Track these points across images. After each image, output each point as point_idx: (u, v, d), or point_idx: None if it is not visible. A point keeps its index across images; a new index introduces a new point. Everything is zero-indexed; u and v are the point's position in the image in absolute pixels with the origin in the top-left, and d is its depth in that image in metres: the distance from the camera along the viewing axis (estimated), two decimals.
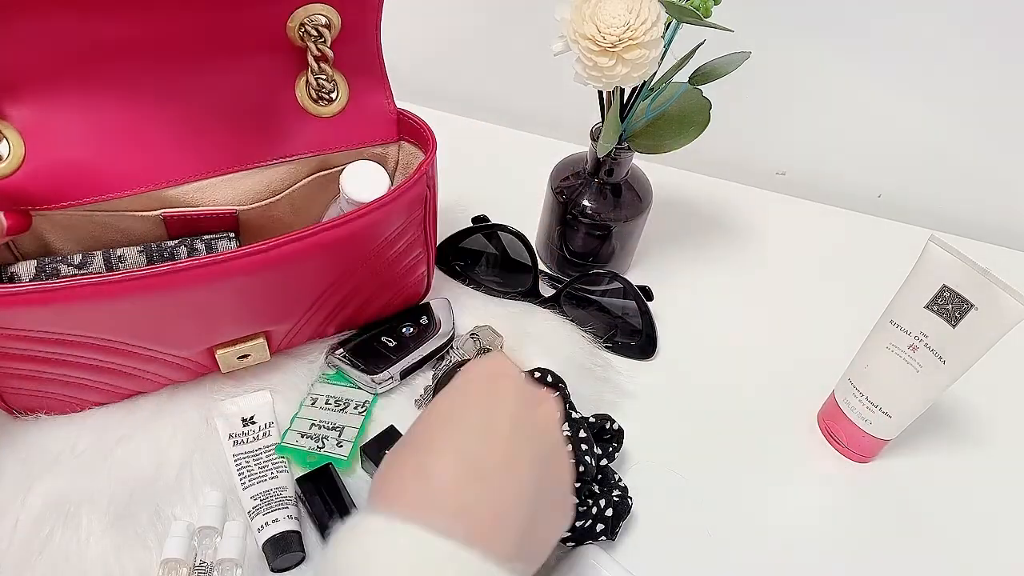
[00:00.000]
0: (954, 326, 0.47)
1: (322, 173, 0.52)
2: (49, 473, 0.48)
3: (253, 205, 0.49)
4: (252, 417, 0.52)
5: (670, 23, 0.52)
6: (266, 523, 0.46)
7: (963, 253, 0.47)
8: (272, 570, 0.46)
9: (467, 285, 0.64)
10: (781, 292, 0.69)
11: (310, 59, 0.48)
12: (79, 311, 0.42)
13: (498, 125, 0.81)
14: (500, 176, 0.73)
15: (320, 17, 0.47)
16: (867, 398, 0.53)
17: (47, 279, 0.44)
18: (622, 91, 0.55)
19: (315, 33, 0.47)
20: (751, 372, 0.61)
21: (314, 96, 0.49)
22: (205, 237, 0.48)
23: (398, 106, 0.53)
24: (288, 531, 0.46)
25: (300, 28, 0.47)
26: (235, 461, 0.50)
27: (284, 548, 0.45)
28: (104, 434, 0.50)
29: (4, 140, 0.41)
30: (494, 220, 0.65)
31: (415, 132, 0.51)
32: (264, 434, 0.51)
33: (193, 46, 0.45)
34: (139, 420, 0.51)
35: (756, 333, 0.65)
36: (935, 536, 0.53)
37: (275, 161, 0.48)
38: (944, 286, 0.47)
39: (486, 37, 0.81)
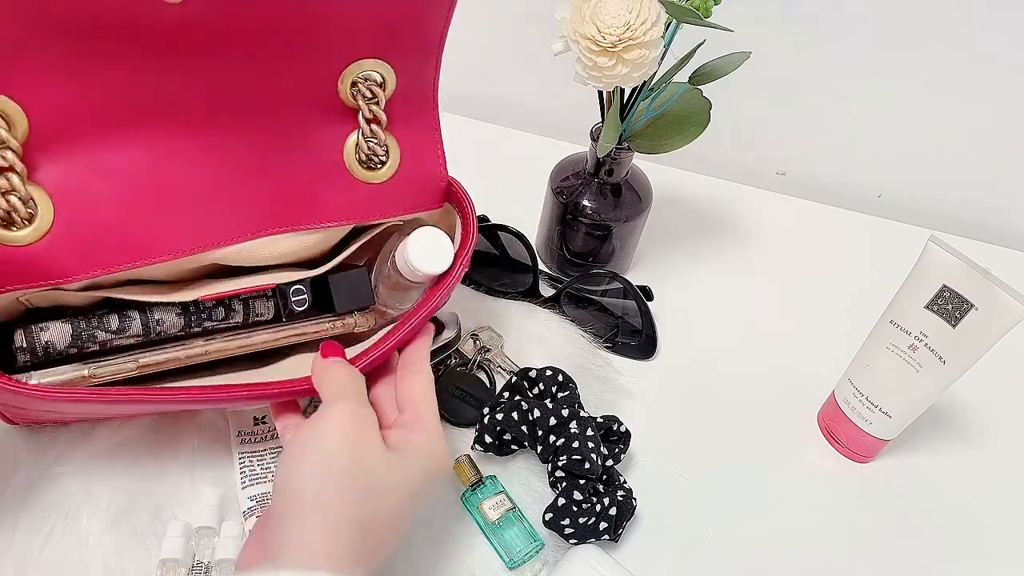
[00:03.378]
0: (954, 326, 0.47)
1: (367, 238, 0.49)
2: (49, 474, 0.48)
3: (295, 277, 0.47)
4: (264, 417, 0.52)
5: (670, 23, 0.52)
6: None
7: (963, 253, 0.47)
8: None
9: (467, 285, 0.64)
10: (781, 292, 0.69)
11: (361, 121, 0.44)
12: (119, 406, 0.42)
13: (498, 125, 0.81)
14: (500, 176, 0.73)
15: (375, 75, 0.43)
16: (867, 398, 0.53)
17: (84, 344, 0.42)
18: (622, 91, 0.55)
19: (368, 94, 0.43)
20: (751, 372, 0.61)
21: (363, 159, 0.45)
22: (243, 297, 0.46)
23: None
24: None
25: (353, 87, 0.43)
26: (239, 459, 0.50)
27: None
28: (105, 435, 0.50)
29: (32, 202, 0.38)
30: (494, 220, 0.65)
31: (458, 201, 0.48)
32: (272, 435, 0.51)
33: (237, 105, 0.41)
34: (140, 421, 0.51)
35: (756, 333, 0.65)
36: (935, 536, 0.53)
37: (317, 227, 0.45)
38: (944, 286, 0.47)
39: (486, 37, 0.81)
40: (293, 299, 0.47)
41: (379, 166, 0.46)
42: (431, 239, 0.45)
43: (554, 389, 0.53)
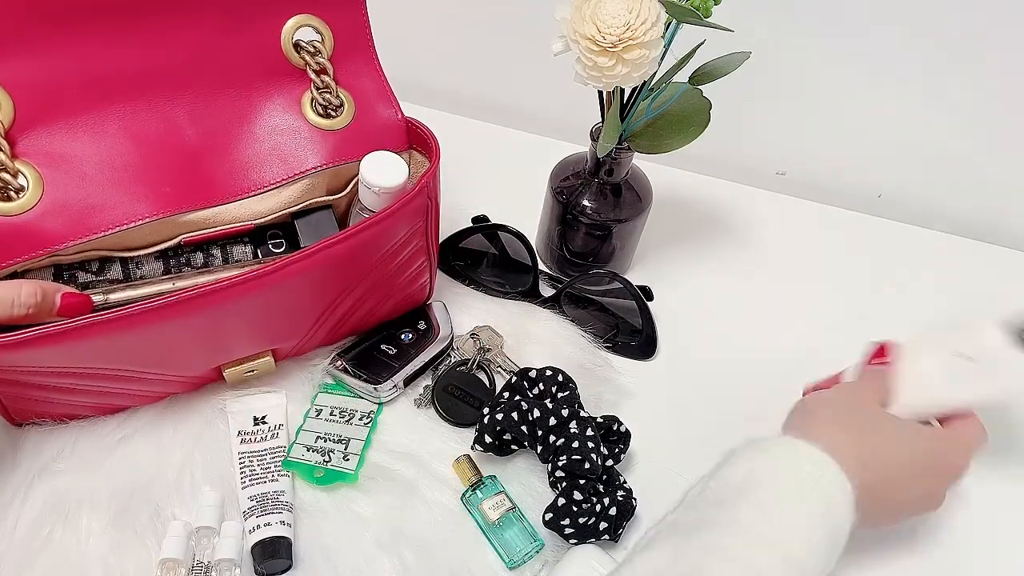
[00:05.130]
0: None
1: (344, 194, 0.52)
2: (49, 473, 0.48)
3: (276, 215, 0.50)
4: (264, 417, 0.52)
5: (670, 23, 0.52)
6: (259, 525, 0.46)
7: None
8: (257, 573, 0.46)
9: (467, 285, 0.64)
10: (781, 292, 0.69)
11: (311, 75, 0.48)
12: (91, 345, 0.42)
13: (498, 125, 0.81)
14: (500, 176, 0.73)
15: (313, 33, 0.48)
16: None
17: (66, 283, 0.45)
18: (622, 91, 0.55)
19: (312, 49, 0.48)
20: (751, 372, 0.61)
21: (321, 112, 0.49)
22: (220, 242, 0.49)
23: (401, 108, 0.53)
24: (279, 537, 0.46)
25: (296, 48, 0.48)
26: (239, 459, 0.50)
27: (272, 553, 0.45)
28: (104, 434, 0.50)
29: (22, 176, 0.42)
30: (494, 220, 0.65)
31: (422, 141, 0.51)
32: (272, 435, 0.51)
33: (199, 76, 0.46)
34: (140, 420, 0.51)
35: (756, 333, 0.65)
36: (937, 537, 0.53)
37: (290, 180, 0.49)
38: None
39: (486, 37, 0.81)
40: (270, 242, 0.50)
41: (336, 113, 0.50)
42: (382, 157, 0.49)
43: (554, 389, 0.53)
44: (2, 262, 0.41)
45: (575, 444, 0.48)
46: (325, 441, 0.51)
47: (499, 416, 0.50)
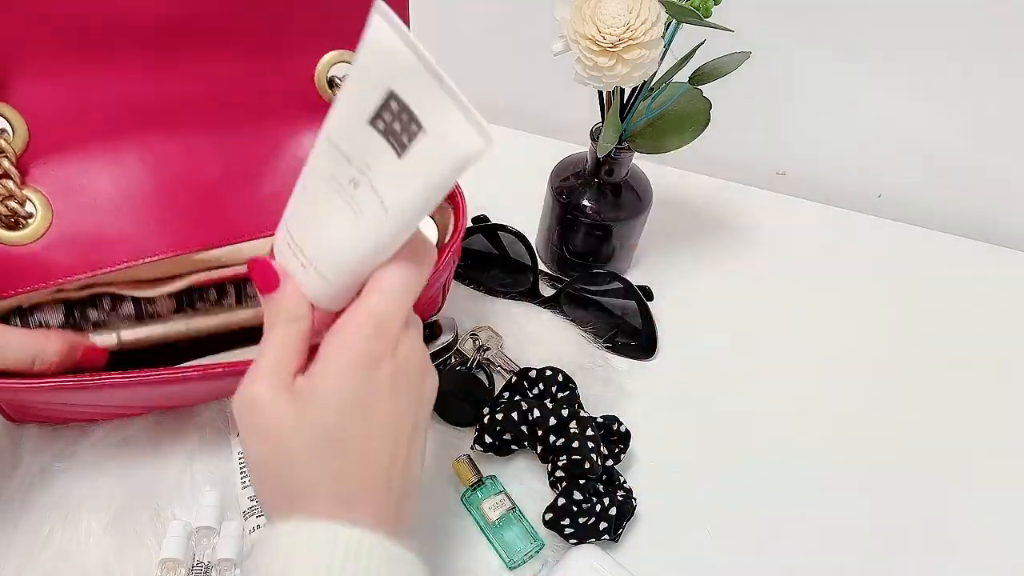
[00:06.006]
0: (400, 155, 0.30)
1: None
2: (49, 473, 0.48)
3: None
4: None
5: (670, 23, 0.52)
6: (259, 525, 0.46)
7: (417, 43, 0.28)
8: None
9: (467, 285, 0.64)
10: (780, 292, 0.69)
11: None
12: (105, 393, 0.42)
13: (498, 125, 0.81)
14: (500, 176, 0.72)
15: (348, 68, 0.46)
16: (303, 251, 0.35)
17: (77, 324, 0.44)
18: (622, 91, 0.55)
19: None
20: (750, 372, 0.61)
21: None
22: (235, 281, 0.47)
23: None
24: None
25: (330, 84, 0.46)
26: (239, 458, 0.50)
27: None
28: (105, 434, 0.50)
29: (30, 203, 0.40)
30: (494, 220, 0.65)
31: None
32: None
33: (228, 109, 0.44)
34: (140, 421, 0.51)
35: (756, 333, 0.65)
36: (943, 540, 0.53)
37: None
38: (392, 93, 0.30)
39: (486, 37, 0.81)
40: None
41: None
42: None
43: (554, 389, 0.53)
44: (6, 292, 0.40)
45: (575, 444, 0.48)
46: None
47: (499, 416, 0.50)
